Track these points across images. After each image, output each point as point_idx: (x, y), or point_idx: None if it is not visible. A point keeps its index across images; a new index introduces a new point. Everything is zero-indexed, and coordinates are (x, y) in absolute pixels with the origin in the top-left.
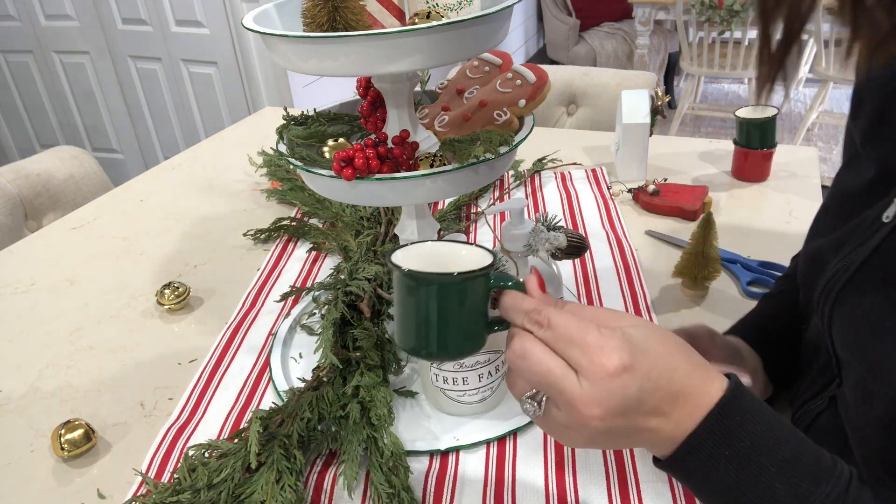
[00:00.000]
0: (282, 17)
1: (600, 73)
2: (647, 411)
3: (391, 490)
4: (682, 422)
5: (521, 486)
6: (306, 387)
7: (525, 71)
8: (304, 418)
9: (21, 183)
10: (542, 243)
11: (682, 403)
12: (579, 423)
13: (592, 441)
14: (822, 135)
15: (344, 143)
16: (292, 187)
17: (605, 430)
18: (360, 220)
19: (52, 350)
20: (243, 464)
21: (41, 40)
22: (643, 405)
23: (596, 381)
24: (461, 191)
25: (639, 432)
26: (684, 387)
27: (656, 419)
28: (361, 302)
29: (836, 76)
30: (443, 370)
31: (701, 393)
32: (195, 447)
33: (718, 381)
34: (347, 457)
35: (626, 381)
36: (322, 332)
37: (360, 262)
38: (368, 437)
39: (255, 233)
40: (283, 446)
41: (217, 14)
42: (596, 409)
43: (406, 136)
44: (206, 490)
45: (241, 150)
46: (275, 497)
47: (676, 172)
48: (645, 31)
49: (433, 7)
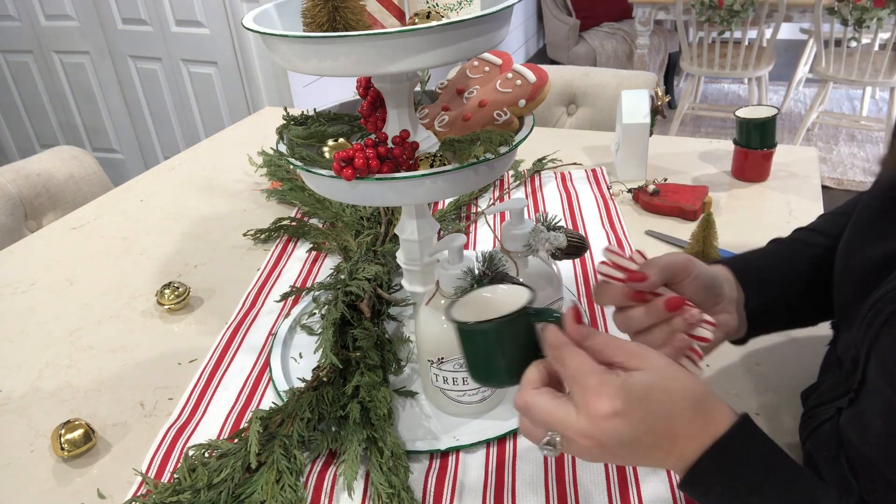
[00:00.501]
0: (282, 17)
1: (600, 73)
2: (646, 446)
3: (391, 490)
4: (683, 456)
5: (521, 486)
6: (306, 387)
7: (525, 71)
8: (304, 418)
9: (21, 183)
10: (542, 243)
11: (682, 443)
12: (585, 452)
13: (608, 459)
14: (822, 135)
15: (344, 143)
16: (292, 187)
17: (610, 454)
18: (360, 220)
19: (52, 350)
20: (243, 464)
21: (41, 40)
22: (640, 442)
23: (589, 419)
24: (461, 191)
25: (645, 458)
26: (684, 431)
27: (657, 451)
28: (361, 302)
29: (836, 76)
30: (443, 370)
31: (702, 434)
32: (195, 447)
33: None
34: (347, 457)
35: (618, 424)
36: (322, 332)
37: (361, 262)
38: (368, 437)
39: (255, 233)
40: (283, 446)
41: (217, 14)
42: (591, 441)
43: (406, 136)
44: (207, 490)
45: (241, 150)
46: (275, 497)
47: (676, 172)
48: (645, 31)
49: (433, 7)
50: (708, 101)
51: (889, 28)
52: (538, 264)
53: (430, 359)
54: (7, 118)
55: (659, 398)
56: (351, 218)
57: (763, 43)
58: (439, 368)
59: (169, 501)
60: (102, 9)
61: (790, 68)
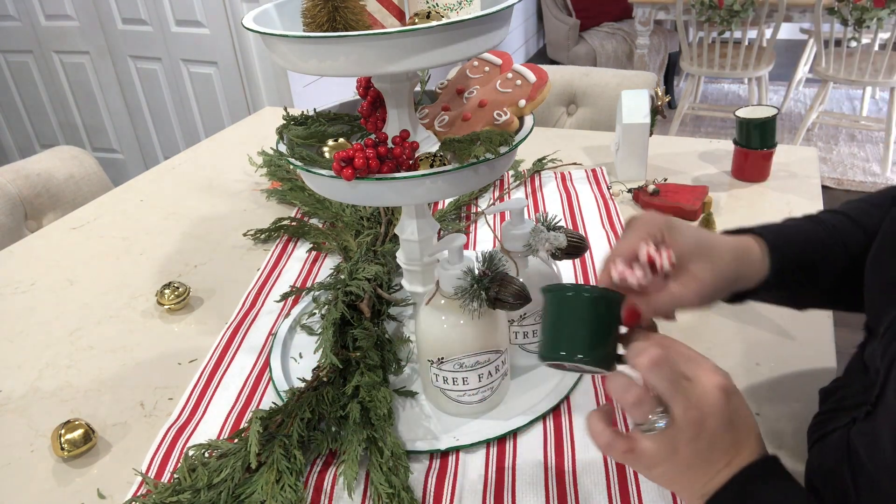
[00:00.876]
0: (282, 17)
1: (600, 73)
2: (726, 444)
3: (391, 490)
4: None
5: (521, 486)
6: (306, 387)
7: (525, 71)
8: (305, 418)
9: (21, 183)
10: (542, 243)
11: (741, 457)
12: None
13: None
14: (822, 135)
15: (344, 143)
16: (292, 187)
17: (704, 439)
18: (361, 220)
19: (52, 350)
20: (243, 464)
21: (41, 40)
22: (722, 438)
23: (704, 391)
24: (461, 191)
25: (708, 464)
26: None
27: (724, 456)
28: (361, 302)
29: (836, 76)
30: (443, 370)
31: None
32: (195, 447)
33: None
34: (347, 457)
35: (724, 404)
36: (322, 332)
37: (361, 262)
38: (368, 437)
39: (255, 233)
40: (283, 446)
41: (217, 14)
42: (697, 413)
43: (406, 136)
44: (206, 490)
45: (241, 150)
46: (275, 497)
47: (676, 172)
48: (645, 31)
49: (433, 7)
50: (708, 101)
51: (889, 28)
52: (538, 264)
53: (430, 359)
54: (7, 118)
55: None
56: (351, 218)
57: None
58: (439, 368)
59: (169, 501)
60: (102, 9)
61: (790, 68)
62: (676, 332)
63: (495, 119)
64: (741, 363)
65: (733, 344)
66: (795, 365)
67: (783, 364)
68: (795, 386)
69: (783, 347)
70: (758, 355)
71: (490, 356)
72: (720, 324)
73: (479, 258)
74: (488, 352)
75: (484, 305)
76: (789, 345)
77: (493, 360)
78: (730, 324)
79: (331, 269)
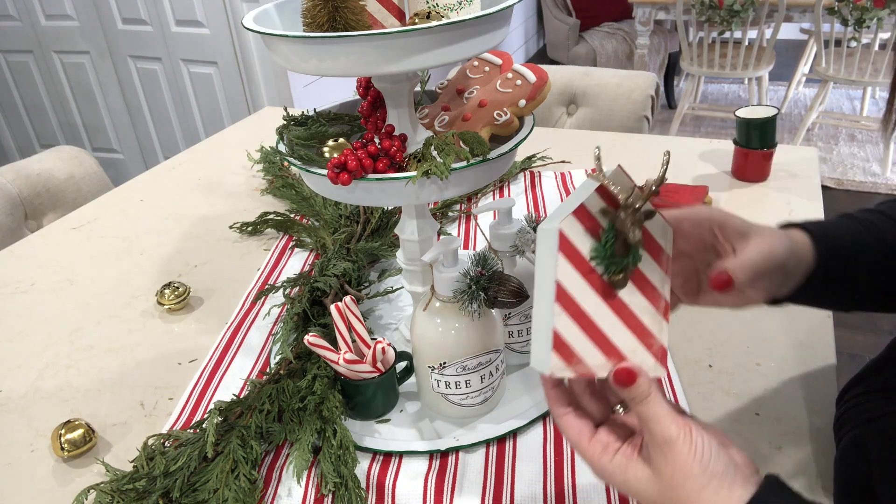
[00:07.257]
0: (282, 17)
1: (600, 73)
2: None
3: (338, 479)
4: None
5: (521, 486)
6: (267, 379)
7: (525, 71)
8: (264, 410)
9: (21, 183)
10: (528, 244)
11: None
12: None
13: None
14: (822, 135)
15: (344, 143)
16: (283, 184)
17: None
18: (339, 219)
19: (52, 350)
20: (200, 453)
21: (41, 40)
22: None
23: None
24: (461, 191)
25: None
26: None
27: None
28: (326, 298)
29: (836, 76)
30: (444, 375)
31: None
32: (155, 436)
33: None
34: (298, 446)
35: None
36: (282, 326)
37: (332, 259)
38: (319, 430)
39: (241, 225)
40: (240, 437)
41: (217, 14)
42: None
43: (391, 130)
44: (163, 478)
45: (241, 151)
46: (228, 485)
47: (676, 172)
48: (645, 31)
49: (433, 7)
50: (708, 101)
51: (889, 28)
52: (526, 265)
53: (431, 365)
54: (7, 118)
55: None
56: (331, 216)
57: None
58: (441, 374)
59: (125, 488)
60: (102, 9)
61: (790, 68)
62: (676, 333)
63: (495, 119)
64: (741, 363)
65: (733, 344)
66: (795, 365)
67: (783, 364)
68: (795, 386)
69: (783, 347)
70: (758, 355)
71: (491, 356)
72: (720, 324)
73: (470, 259)
74: (489, 352)
75: (483, 306)
76: (789, 345)
77: (494, 360)
78: (730, 324)
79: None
